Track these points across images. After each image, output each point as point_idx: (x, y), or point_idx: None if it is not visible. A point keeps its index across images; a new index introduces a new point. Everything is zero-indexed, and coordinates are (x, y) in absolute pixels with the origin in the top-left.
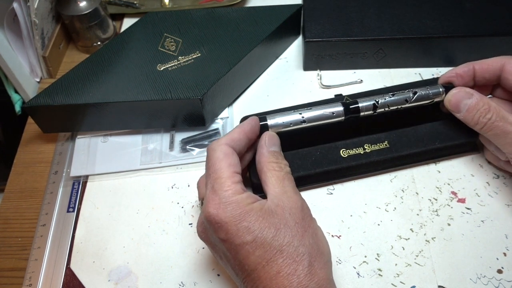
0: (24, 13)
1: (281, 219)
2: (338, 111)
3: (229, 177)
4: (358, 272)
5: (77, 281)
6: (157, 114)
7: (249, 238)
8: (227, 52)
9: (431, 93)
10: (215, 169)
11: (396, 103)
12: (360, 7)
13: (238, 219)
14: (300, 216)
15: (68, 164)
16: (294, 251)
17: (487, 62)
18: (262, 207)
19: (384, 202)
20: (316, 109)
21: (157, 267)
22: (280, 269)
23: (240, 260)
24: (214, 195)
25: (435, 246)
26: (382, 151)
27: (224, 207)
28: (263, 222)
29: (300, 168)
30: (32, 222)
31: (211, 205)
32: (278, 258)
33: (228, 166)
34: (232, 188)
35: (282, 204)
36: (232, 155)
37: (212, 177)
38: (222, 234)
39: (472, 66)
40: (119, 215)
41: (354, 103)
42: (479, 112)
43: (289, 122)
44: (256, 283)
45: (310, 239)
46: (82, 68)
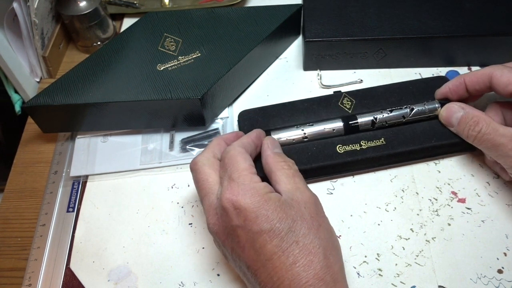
0: (24, 13)
1: (297, 211)
2: (338, 128)
3: (247, 168)
4: (358, 272)
5: (77, 281)
6: (157, 114)
7: (267, 226)
8: (227, 52)
9: (427, 109)
10: (232, 162)
11: (394, 119)
12: (360, 7)
13: (257, 206)
14: (314, 210)
15: (68, 164)
16: (310, 242)
17: (476, 75)
18: (279, 198)
19: (384, 202)
20: (317, 125)
21: (157, 267)
22: (296, 260)
23: (256, 248)
24: (232, 183)
25: (435, 246)
26: (379, 148)
27: (244, 193)
28: (281, 212)
29: (296, 163)
30: (31, 222)
31: (230, 191)
32: (295, 249)
33: (244, 160)
34: (250, 177)
35: (297, 198)
36: (246, 153)
37: (230, 169)
38: (240, 220)
39: (463, 79)
40: (119, 215)
41: (354, 119)
42: (468, 125)
43: (291, 138)
44: (271, 273)
45: (325, 232)
46: (82, 68)
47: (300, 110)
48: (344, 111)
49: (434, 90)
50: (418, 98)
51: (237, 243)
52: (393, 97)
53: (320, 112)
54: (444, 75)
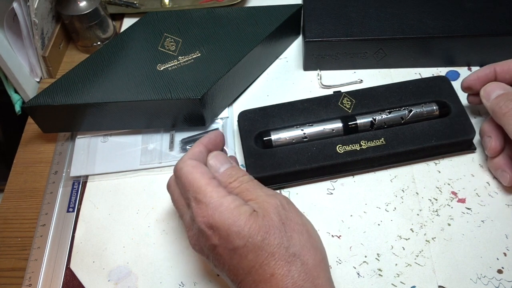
0: (24, 13)
1: (268, 221)
2: (337, 128)
3: (208, 184)
4: (358, 272)
5: (77, 281)
6: (157, 114)
7: (241, 242)
8: (227, 52)
9: (425, 111)
10: (190, 182)
11: (392, 121)
12: (360, 7)
13: (228, 224)
14: (284, 216)
15: (68, 164)
16: (285, 252)
17: (508, 63)
18: (251, 211)
19: (384, 202)
20: (317, 125)
21: (157, 267)
22: (273, 271)
23: (234, 264)
24: (200, 205)
25: (435, 246)
26: (378, 148)
27: (213, 212)
28: (253, 226)
29: (296, 163)
30: (32, 222)
31: (200, 214)
32: (271, 261)
33: (202, 175)
34: (215, 192)
35: (265, 208)
36: (200, 165)
37: (191, 190)
38: (215, 239)
39: (493, 68)
40: (119, 215)
41: (353, 120)
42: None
43: (291, 138)
44: (252, 286)
45: (300, 237)
46: (82, 68)
47: (300, 110)
48: (344, 111)
49: (434, 90)
50: (418, 98)
51: (217, 260)
52: (393, 97)
53: (320, 112)
54: (444, 75)
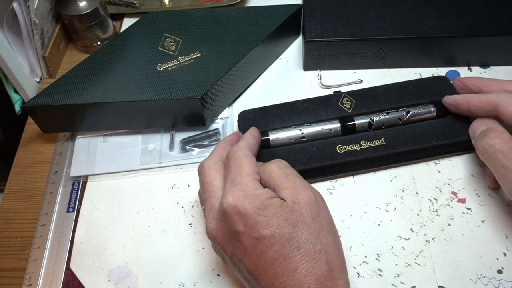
0: (24, 13)
1: (299, 215)
2: (336, 129)
3: (250, 174)
4: (358, 272)
5: (77, 281)
6: (157, 114)
7: (267, 232)
8: (227, 52)
9: (423, 112)
10: (238, 164)
11: (390, 121)
12: (360, 7)
13: (256, 212)
14: (316, 211)
15: (68, 164)
16: (311, 248)
17: (481, 100)
18: (281, 204)
19: (384, 202)
20: (315, 125)
21: (157, 267)
22: (297, 266)
23: (257, 254)
24: (233, 187)
25: (435, 246)
26: (378, 148)
27: (244, 198)
28: (281, 218)
29: (296, 163)
30: (31, 222)
31: (231, 196)
32: (296, 255)
33: (250, 165)
34: (252, 184)
35: (298, 200)
36: (252, 157)
37: (234, 172)
38: (240, 225)
39: (467, 101)
40: (119, 215)
41: (351, 121)
42: (487, 136)
43: (289, 138)
44: (272, 279)
45: (328, 236)
46: (82, 68)
47: (300, 110)
48: (344, 111)
49: (434, 90)
50: (418, 98)
51: (238, 248)
52: (393, 97)
53: (320, 112)
54: (444, 75)
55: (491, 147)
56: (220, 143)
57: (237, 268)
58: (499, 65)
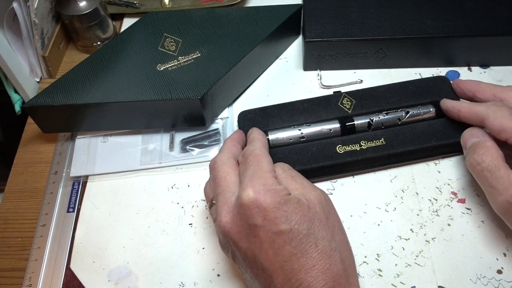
0: (24, 13)
1: (314, 213)
2: (335, 129)
3: (270, 171)
4: (358, 272)
5: (77, 281)
6: (157, 114)
7: (287, 227)
8: (227, 52)
9: (422, 113)
10: (257, 161)
11: (390, 122)
12: (360, 7)
13: (276, 206)
14: (327, 210)
15: (68, 164)
16: (327, 245)
17: (470, 111)
18: (298, 200)
19: (384, 202)
20: (315, 126)
21: (157, 267)
22: (315, 263)
23: (275, 249)
24: (254, 181)
25: (435, 247)
26: (378, 148)
27: (264, 192)
28: (299, 214)
29: (296, 163)
30: (32, 222)
31: (252, 189)
32: (314, 252)
33: (269, 163)
34: (272, 180)
35: (310, 199)
36: (269, 156)
37: (254, 167)
38: (259, 219)
39: (458, 110)
40: (119, 215)
41: (350, 121)
42: (475, 151)
43: (288, 138)
44: (289, 275)
45: (340, 234)
46: (82, 68)
47: (300, 110)
48: (344, 111)
49: (434, 90)
50: (418, 98)
51: (253, 243)
52: (393, 97)
53: (320, 112)
54: (444, 75)
55: (479, 165)
56: (228, 141)
57: (248, 265)
58: (499, 65)
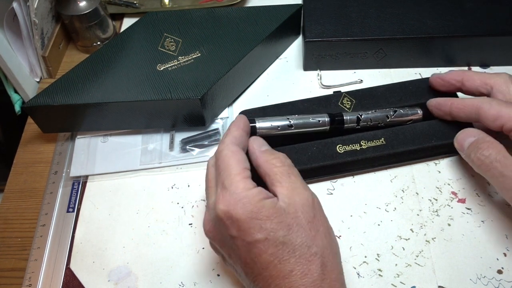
0: (24, 13)
1: (294, 217)
2: (324, 120)
3: (239, 173)
4: (358, 272)
5: (77, 281)
6: (157, 114)
7: (261, 236)
8: (227, 52)
9: (410, 113)
10: (224, 166)
11: (378, 119)
12: (360, 7)
13: (249, 216)
14: (312, 214)
15: (68, 164)
16: (307, 250)
17: (464, 104)
18: (274, 205)
19: (384, 202)
20: (304, 117)
21: (157, 267)
22: (293, 268)
23: (252, 258)
24: (224, 192)
25: (435, 247)
26: (379, 148)
27: (235, 203)
28: (275, 221)
29: (296, 163)
30: (31, 222)
31: (222, 201)
32: (291, 257)
33: (237, 162)
34: (243, 184)
35: (294, 202)
36: (240, 152)
37: (222, 174)
38: (233, 231)
39: (450, 104)
40: (119, 215)
41: (339, 116)
42: (478, 147)
43: (276, 126)
44: (268, 281)
45: (323, 238)
46: (81, 68)
47: (300, 110)
48: (344, 111)
49: (434, 90)
50: (419, 98)
51: (234, 250)
52: (393, 97)
53: (320, 112)
54: None
55: (487, 158)
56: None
57: (234, 269)
58: (499, 65)
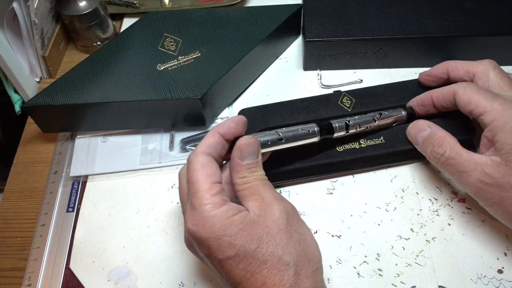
0: (24, 13)
1: (264, 228)
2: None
3: (208, 190)
4: (358, 272)
5: (77, 281)
6: (157, 114)
7: (231, 252)
8: (227, 52)
9: (394, 114)
10: (193, 182)
11: (366, 122)
12: (360, 7)
13: (218, 235)
14: (284, 221)
15: (67, 164)
16: (278, 261)
17: (442, 91)
18: (243, 219)
19: (385, 202)
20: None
21: (157, 267)
22: (265, 281)
23: (225, 273)
24: (193, 211)
25: (435, 246)
26: (378, 147)
27: (204, 223)
28: (244, 235)
29: (295, 161)
30: (31, 222)
31: (190, 221)
32: (263, 270)
33: (206, 177)
34: (211, 202)
35: (264, 213)
36: (210, 164)
37: (191, 191)
38: (204, 250)
39: (430, 95)
40: (118, 215)
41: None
42: (432, 144)
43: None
44: None
45: (296, 245)
46: (81, 68)
47: (300, 108)
48: (344, 110)
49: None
50: None
51: (209, 266)
52: (393, 96)
53: (319, 110)
54: None
55: (442, 156)
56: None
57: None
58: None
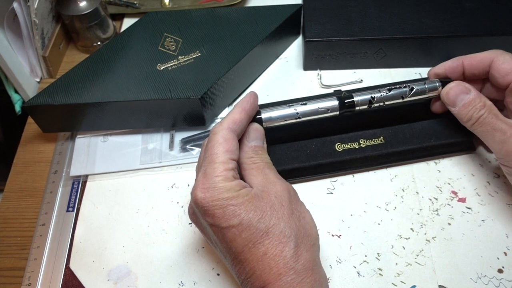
0: (24, 13)
1: (267, 202)
2: (333, 106)
3: (223, 163)
4: (358, 272)
5: (77, 280)
6: (157, 114)
7: (235, 221)
8: (227, 52)
9: (427, 88)
10: (212, 152)
11: (392, 99)
12: (360, 7)
13: (224, 203)
14: (286, 198)
15: (68, 164)
16: (280, 233)
17: (476, 58)
18: (249, 193)
19: (385, 202)
20: (311, 103)
21: (157, 266)
22: (266, 251)
23: (227, 242)
24: (204, 179)
25: (435, 246)
26: (377, 147)
27: (212, 191)
28: (249, 205)
29: (294, 160)
30: (31, 222)
31: (200, 189)
32: (265, 240)
33: (225, 152)
34: (224, 175)
35: (267, 189)
36: (232, 140)
37: (207, 160)
38: (208, 218)
39: (461, 62)
40: (118, 214)
41: (349, 97)
42: (474, 108)
43: (283, 116)
44: (244, 265)
45: (296, 221)
46: (82, 67)
47: None
48: None
49: None
50: None
51: (211, 236)
52: None
53: None
54: None
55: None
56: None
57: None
58: None
